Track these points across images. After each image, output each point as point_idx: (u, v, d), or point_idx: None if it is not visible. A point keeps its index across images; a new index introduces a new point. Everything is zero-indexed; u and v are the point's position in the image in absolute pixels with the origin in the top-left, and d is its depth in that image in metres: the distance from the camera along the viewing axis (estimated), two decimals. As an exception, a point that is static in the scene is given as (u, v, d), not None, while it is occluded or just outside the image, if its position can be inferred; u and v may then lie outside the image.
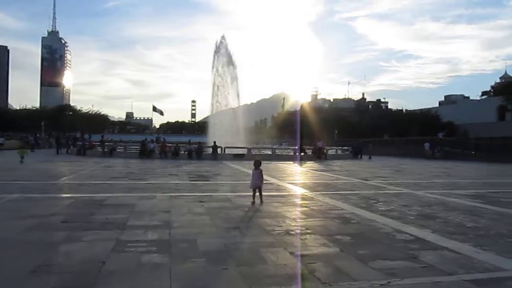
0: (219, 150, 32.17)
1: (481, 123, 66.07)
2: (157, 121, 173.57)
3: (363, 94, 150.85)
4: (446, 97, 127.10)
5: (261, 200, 9.52)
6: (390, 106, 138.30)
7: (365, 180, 16.22)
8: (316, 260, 4.92)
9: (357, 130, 76.10)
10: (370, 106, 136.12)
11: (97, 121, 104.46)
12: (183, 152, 32.65)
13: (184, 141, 40.43)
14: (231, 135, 40.22)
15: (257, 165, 9.65)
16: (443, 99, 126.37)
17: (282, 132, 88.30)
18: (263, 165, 9.92)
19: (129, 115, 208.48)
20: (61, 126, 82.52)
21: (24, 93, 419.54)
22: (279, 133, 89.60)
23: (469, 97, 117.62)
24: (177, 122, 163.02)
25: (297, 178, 17.80)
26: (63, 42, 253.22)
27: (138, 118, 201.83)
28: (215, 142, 32.41)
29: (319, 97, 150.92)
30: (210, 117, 47.75)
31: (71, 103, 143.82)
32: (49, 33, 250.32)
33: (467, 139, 48.01)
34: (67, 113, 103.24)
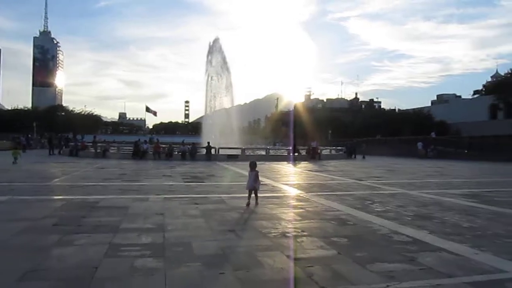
0: (213, 150, 32.03)
1: (473, 122, 66.57)
2: (151, 122, 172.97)
3: (356, 94, 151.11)
4: (438, 96, 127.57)
5: (256, 201, 9.44)
6: (383, 105, 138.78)
7: (360, 180, 16.20)
8: (313, 263, 4.84)
9: (351, 130, 76.29)
10: (363, 105, 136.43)
11: (89, 122, 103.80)
12: (176, 153, 32.45)
13: (177, 142, 40.17)
14: (225, 136, 40.11)
15: (252, 166, 9.58)
16: (435, 98, 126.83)
17: (275, 132, 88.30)
18: (257, 165, 9.86)
19: (122, 115, 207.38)
20: (53, 126, 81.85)
21: (15, 93, 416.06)
22: (273, 133, 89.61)
23: (461, 96, 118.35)
24: (171, 122, 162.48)
25: (292, 178, 17.74)
26: (55, 42, 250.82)
27: (131, 118, 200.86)
28: (209, 142, 32.27)
29: (312, 97, 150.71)
30: (203, 117, 47.55)
31: (63, 104, 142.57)
32: (41, 33, 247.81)
33: (459, 138, 48.27)
34: (60, 114, 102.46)
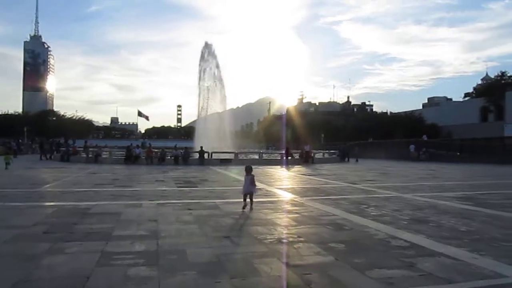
0: (206, 155, 31.86)
1: (464, 124, 67.21)
2: (143, 126, 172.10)
3: (348, 97, 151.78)
4: (429, 99, 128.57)
5: (251, 206, 9.36)
6: (375, 109, 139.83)
7: (354, 184, 16.16)
8: (311, 270, 4.74)
9: (343, 133, 76.54)
10: (355, 109, 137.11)
11: (81, 127, 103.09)
12: (169, 157, 32.26)
13: (170, 146, 39.99)
14: (217, 140, 39.94)
15: (248, 170, 9.58)
16: (426, 101, 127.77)
17: (268, 136, 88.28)
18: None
19: (114, 120, 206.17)
20: (44, 131, 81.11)
21: (6, 98, 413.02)
22: (266, 137, 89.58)
23: (451, 99, 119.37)
24: (163, 127, 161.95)
25: (286, 183, 17.66)
26: (46, 46, 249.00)
27: (123, 123, 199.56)
28: (201, 147, 32.09)
29: (304, 101, 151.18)
30: (196, 121, 47.38)
31: (54, 108, 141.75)
32: (31, 37, 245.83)
33: (451, 141, 48.65)
34: (51, 119, 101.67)
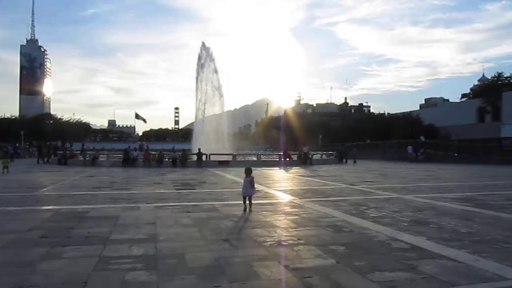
0: (204, 157, 31.78)
1: (461, 125, 67.33)
2: (140, 129, 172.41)
3: (346, 98, 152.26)
4: (426, 100, 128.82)
5: (250, 208, 9.31)
6: (372, 109, 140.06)
7: (353, 185, 16.11)
8: (312, 273, 4.67)
9: (341, 134, 76.57)
10: (352, 110, 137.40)
11: (78, 130, 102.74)
12: (167, 159, 32.18)
13: (168, 149, 39.88)
14: (215, 142, 39.85)
15: (248, 172, 9.57)
16: (423, 102, 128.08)
17: (266, 137, 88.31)
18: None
19: (112, 122, 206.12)
20: (41, 135, 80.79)
21: (2, 102, 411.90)
22: (264, 139, 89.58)
23: (448, 100, 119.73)
24: (161, 129, 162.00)
25: (285, 184, 17.60)
26: (43, 50, 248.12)
27: (120, 125, 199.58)
28: (199, 149, 32.02)
29: (302, 102, 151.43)
30: (194, 124, 47.26)
31: (51, 112, 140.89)
32: (28, 41, 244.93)
33: (449, 141, 48.67)
34: (48, 122, 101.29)
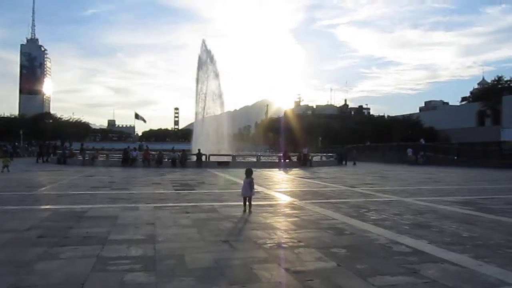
0: (203, 157, 31.72)
1: (461, 128, 67.23)
2: (140, 129, 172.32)
3: (346, 100, 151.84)
4: (426, 103, 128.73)
5: (249, 209, 9.26)
6: (372, 112, 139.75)
7: (353, 187, 16.05)
8: (313, 276, 4.61)
9: (341, 136, 76.48)
10: (352, 112, 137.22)
11: (78, 129, 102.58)
12: (166, 160, 32.12)
13: (167, 149, 39.80)
14: (215, 143, 39.75)
15: (248, 173, 9.54)
16: (423, 104, 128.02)
17: (266, 139, 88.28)
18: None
19: (111, 122, 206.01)
20: (41, 134, 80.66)
21: (2, 101, 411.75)
22: (263, 140, 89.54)
23: (448, 103, 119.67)
24: (160, 129, 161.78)
25: (284, 186, 17.53)
26: (43, 49, 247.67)
27: (120, 125, 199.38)
28: (199, 149, 31.94)
29: (302, 104, 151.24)
30: (193, 124, 47.16)
31: (51, 111, 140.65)
32: (28, 40, 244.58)
33: (449, 145, 48.61)
34: (47, 121, 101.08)
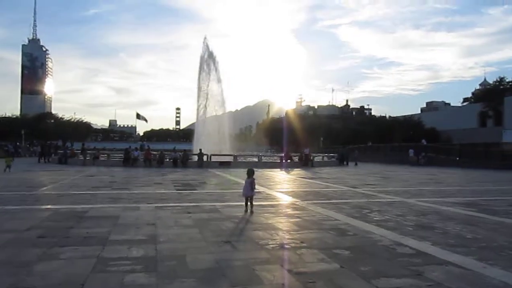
0: (205, 157, 31.67)
1: (463, 129, 67.07)
2: (141, 129, 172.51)
3: (347, 101, 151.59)
4: (428, 103, 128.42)
5: (251, 210, 9.20)
6: (373, 112, 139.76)
7: (355, 188, 15.98)
8: (316, 278, 4.55)
9: (342, 136, 76.36)
10: (354, 112, 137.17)
11: (79, 129, 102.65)
12: (168, 160, 32.07)
13: (169, 149, 39.80)
14: (216, 143, 39.71)
15: (250, 173, 9.50)
16: (425, 105, 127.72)
17: (267, 139, 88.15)
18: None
19: (113, 122, 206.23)
20: (42, 134, 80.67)
21: (4, 101, 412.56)
22: (264, 140, 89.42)
23: (450, 104, 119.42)
24: (162, 129, 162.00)
25: (286, 186, 17.47)
26: (44, 49, 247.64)
27: (121, 125, 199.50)
28: (201, 149, 31.90)
29: (303, 104, 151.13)
30: (195, 124, 47.11)
31: (52, 111, 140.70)
32: (29, 40, 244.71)
33: (450, 145, 48.48)
34: (49, 121, 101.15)
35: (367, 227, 7.63)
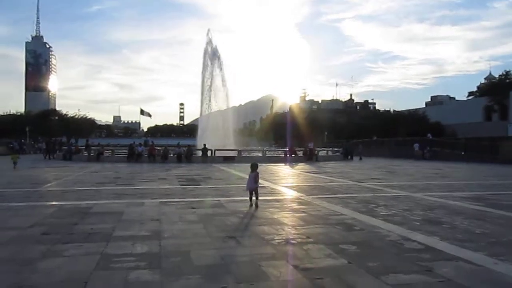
0: (209, 152, 31.64)
1: (468, 123, 66.64)
2: (145, 124, 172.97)
3: (351, 95, 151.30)
4: (432, 97, 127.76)
5: (256, 204, 9.13)
6: (378, 106, 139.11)
7: (360, 182, 15.86)
8: (323, 274, 4.46)
9: (346, 131, 76.13)
10: (358, 107, 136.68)
11: (83, 125, 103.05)
12: (172, 155, 32.07)
13: (173, 144, 39.79)
14: (220, 138, 39.64)
15: (254, 168, 9.42)
16: (429, 99, 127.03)
17: (271, 133, 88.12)
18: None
19: (117, 118, 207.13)
20: (46, 131, 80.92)
21: (8, 98, 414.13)
22: (269, 134, 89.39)
23: (455, 98, 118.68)
24: (166, 125, 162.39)
25: (291, 180, 17.38)
26: (48, 46, 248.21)
27: (125, 121, 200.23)
28: (205, 144, 31.87)
29: (307, 99, 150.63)
30: (199, 119, 47.03)
31: (57, 108, 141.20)
32: (33, 37, 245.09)
33: (456, 140, 48.13)
34: (53, 118, 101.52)
35: (374, 221, 7.53)
